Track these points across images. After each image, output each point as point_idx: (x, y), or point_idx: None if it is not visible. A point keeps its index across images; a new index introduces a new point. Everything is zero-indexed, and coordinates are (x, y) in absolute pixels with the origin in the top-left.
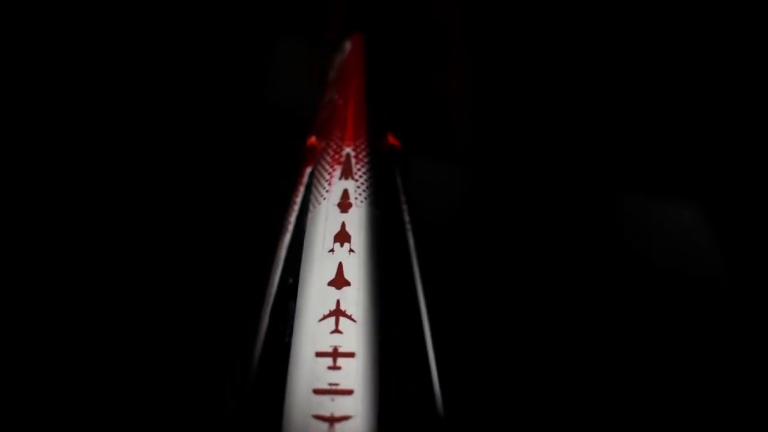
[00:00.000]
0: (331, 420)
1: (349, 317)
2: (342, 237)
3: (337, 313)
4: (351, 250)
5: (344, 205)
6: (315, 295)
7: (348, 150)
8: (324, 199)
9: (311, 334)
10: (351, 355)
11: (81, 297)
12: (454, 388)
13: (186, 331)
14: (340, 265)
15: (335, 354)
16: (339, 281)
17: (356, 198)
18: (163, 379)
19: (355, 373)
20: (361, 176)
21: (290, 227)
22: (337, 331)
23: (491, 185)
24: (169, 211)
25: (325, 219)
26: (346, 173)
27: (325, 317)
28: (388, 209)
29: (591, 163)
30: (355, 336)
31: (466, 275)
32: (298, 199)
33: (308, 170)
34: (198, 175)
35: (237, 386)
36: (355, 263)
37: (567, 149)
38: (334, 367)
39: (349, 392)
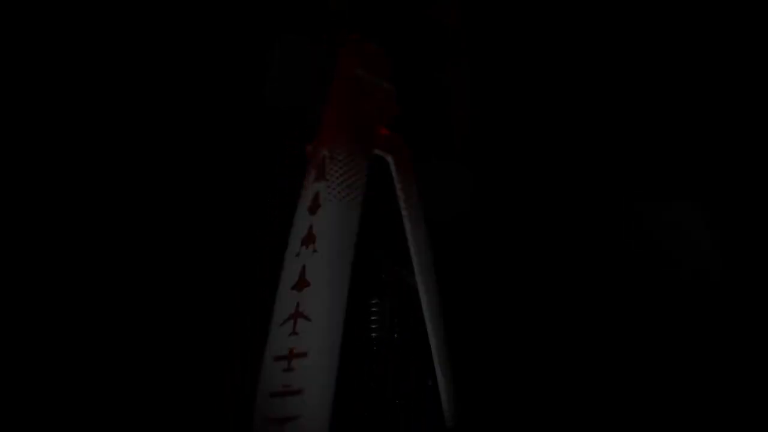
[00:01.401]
0: (281, 421)
1: (305, 317)
2: (308, 239)
3: (296, 315)
4: (314, 251)
5: (313, 207)
6: (279, 301)
7: (324, 152)
8: (300, 205)
9: (272, 340)
10: (303, 354)
11: (80, 297)
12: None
13: (185, 331)
14: (303, 268)
15: (291, 356)
16: (300, 284)
17: (326, 198)
18: (165, 379)
19: (304, 372)
20: (332, 175)
21: None
22: (294, 333)
23: (492, 185)
24: (168, 210)
25: (296, 224)
26: (320, 175)
27: (284, 321)
28: (376, 204)
29: (591, 163)
30: (309, 335)
31: (466, 274)
32: None
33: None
34: (197, 174)
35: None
36: (318, 262)
37: (566, 150)
38: (288, 369)
39: (298, 392)
